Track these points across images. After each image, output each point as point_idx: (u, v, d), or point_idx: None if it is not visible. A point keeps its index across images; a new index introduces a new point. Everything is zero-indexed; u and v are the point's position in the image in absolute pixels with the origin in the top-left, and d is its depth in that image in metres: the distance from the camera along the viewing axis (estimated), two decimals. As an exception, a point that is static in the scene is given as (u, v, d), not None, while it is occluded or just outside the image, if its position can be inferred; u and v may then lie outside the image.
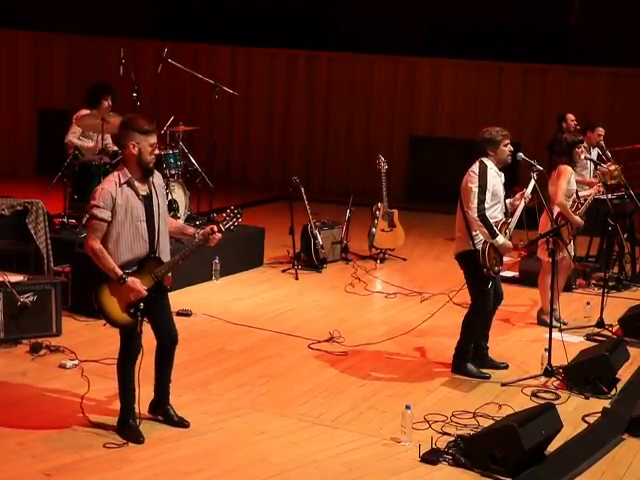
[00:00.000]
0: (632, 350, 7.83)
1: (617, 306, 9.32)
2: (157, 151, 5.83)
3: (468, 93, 15.91)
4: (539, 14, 16.39)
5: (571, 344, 7.94)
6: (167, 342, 5.99)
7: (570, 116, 12.09)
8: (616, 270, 10.60)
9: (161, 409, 6.09)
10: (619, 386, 7.15)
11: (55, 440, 5.76)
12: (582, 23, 16.60)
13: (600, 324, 8.69)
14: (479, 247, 7.08)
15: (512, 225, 7.32)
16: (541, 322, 8.76)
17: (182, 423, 6.05)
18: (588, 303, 9.11)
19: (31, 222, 8.77)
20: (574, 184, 8.69)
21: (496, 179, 7.18)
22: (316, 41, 16.89)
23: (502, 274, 10.49)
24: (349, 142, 16.62)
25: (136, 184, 5.73)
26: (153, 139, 5.74)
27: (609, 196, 9.80)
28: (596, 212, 10.89)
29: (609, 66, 15.18)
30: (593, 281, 10.47)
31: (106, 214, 5.64)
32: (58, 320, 7.84)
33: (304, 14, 17.71)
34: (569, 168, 8.57)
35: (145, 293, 5.69)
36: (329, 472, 5.55)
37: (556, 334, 7.50)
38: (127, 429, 5.82)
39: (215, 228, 5.87)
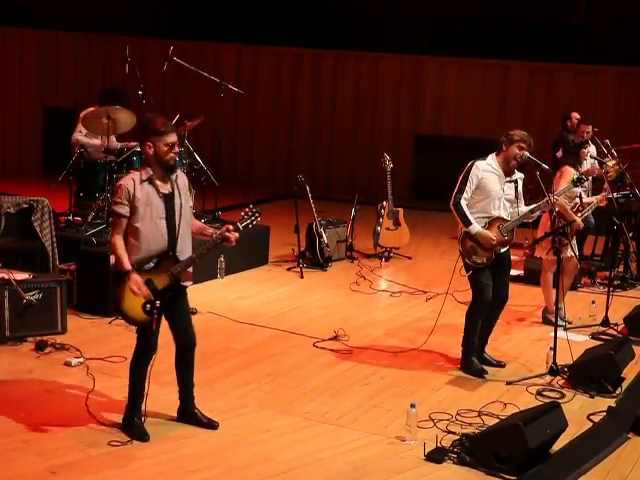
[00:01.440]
0: (637, 349, 7.80)
1: (622, 305, 9.31)
2: (177, 149, 5.80)
3: (473, 92, 15.90)
4: (545, 13, 16.37)
5: (576, 343, 7.93)
6: (185, 344, 5.99)
7: (575, 115, 12.07)
8: (621, 269, 10.60)
9: (188, 413, 6.09)
10: (624, 385, 7.14)
11: (60, 438, 5.77)
12: (588, 22, 16.58)
13: (605, 323, 8.69)
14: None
15: (510, 223, 7.30)
16: (546, 321, 8.76)
17: (211, 424, 6.04)
18: (593, 302, 9.10)
19: (36, 220, 8.79)
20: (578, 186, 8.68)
21: (487, 174, 7.24)
22: (321, 40, 16.89)
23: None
24: (354, 140, 16.63)
25: (157, 182, 5.75)
26: (170, 138, 5.73)
27: (614, 195, 9.80)
28: (601, 211, 10.89)
29: (614, 65, 15.16)
30: (598, 280, 10.46)
31: (125, 209, 5.69)
32: (63, 318, 7.85)
33: (309, 13, 17.72)
34: (572, 170, 8.57)
35: (146, 293, 5.67)
36: (334, 470, 5.55)
37: (561, 333, 7.50)
38: (132, 427, 5.83)
39: (231, 227, 5.88)
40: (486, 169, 7.26)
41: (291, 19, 17.68)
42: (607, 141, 10.70)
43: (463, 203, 7.20)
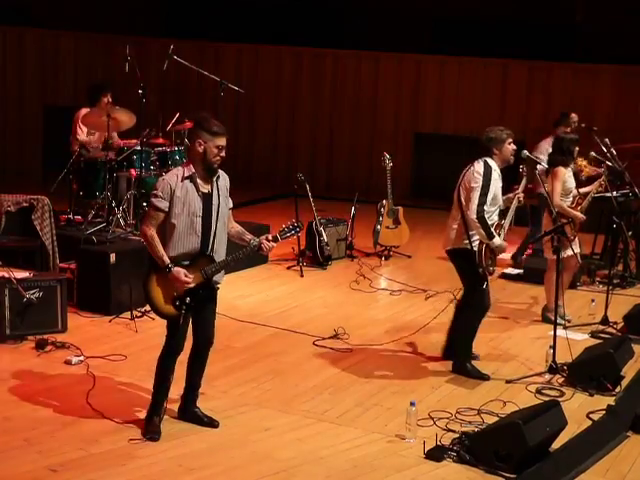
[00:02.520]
0: (637, 348, 7.82)
1: (622, 303, 9.32)
2: (223, 154, 5.88)
3: (473, 90, 15.89)
4: (544, 11, 16.36)
5: (576, 341, 7.95)
6: (204, 344, 6.01)
7: (574, 116, 12.09)
8: (621, 267, 10.60)
9: (189, 412, 6.11)
10: (624, 383, 7.15)
11: (61, 436, 5.79)
12: (587, 21, 16.57)
13: (605, 321, 8.70)
14: (475, 246, 7.11)
15: (506, 226, 7.36)
16: (546, 319, 8.77)
17: (212, 423, 6.06)
18: (593, 300, 9.12)
19: (37, 219, 8.81)
20: (572, 182, 8.71)
21: (498, 182, 7.18)
22: (321, 39, 16.89)
23: (507, 271, 10.63)
24: (354, 139, 16.62)
25: (198, 181, 5.78)
26: (221, 141, 5.82)
27: (614, 194, 9.81)
28: (601, 210, 10.90)
29: (614, 64, 15.16)
30: (598, 278, 10.47)
31: (164, 204, 5.70)
32: (64, 316, 7.86)
33: (310, 12, 17.72)
34: (562, 169, 8.59)
35: (191, 284, 5.70)
36: (334, 469, 5.57)
37: (561, 331, 7.51)
38: (150, 425, 5.85)
39: (270, 237, 5.94)
40: (496, 177, 7.15)
41: (291, 18, 17.68)
42: (606, 140, 10.71)
43: (486, 216, 7.05)
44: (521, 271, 10.61)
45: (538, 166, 9.51)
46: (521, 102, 15.61)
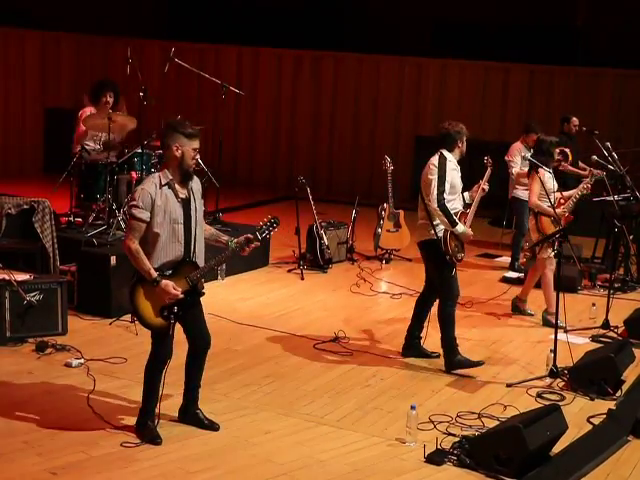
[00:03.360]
0: (638, 352, 7.83)
1: (623, 307, 9.31)
2: (198, 157, 5.82)
3: (474, 94, 15.91)
4: (546, 15, 16.39)
5: (576, 345, 7.94)
6: (201, 346, 6.00)
7: (574, 120, 12.12)
8: (622, 272, 10.59)
9: (190, 414, 6.10)
10: (624, 388, 7.14)
11: (61, 439, 5.78)
12: (589, 25, 16.59)
13: (606, 325, 8.69)
14: (440, 235, 7.34)
15: (471, 215, 7.61)
16: (545, 322, 8.81)
17: (212, 426, 6.05)
18: (594, 304, 9.12)
19: (37, 221, 8.80)
20: (550, 183, 8.74)
21: (454, 172, 7.45)
22: (322, 41, 16.91)
23: (507, 275, 10.63)
24: (355, 142, 16.63)
25: (176, 186, 5.74)
26: (196, 144, 5.76)
27: (615, 197, 9.81)
28: (602, 214, 10.92)
29: (615, 68, 15.17)
30: (599, 282, 10.47)
31: (145, 215, 5.64)
32: (64, 319, 7.85)
33: (310, 14, 17.74)
34: (542, 170, 8.65)
35: (181, 295, 5.68)
36: (334, 472, 5.56)
37: (561, 335, 7.50)
38: (145, 430, 5.83)
39: (251, 237, 5.88)
40: (452, 166, 7.43)
41: (291, 20, 17.70)
42: (608, 144, 10.71)
43: (447, 204, 7.31)
44: (521, 275, 10.59)
45: (512, 170, 9.71)
46: (522, 106, 15.62)
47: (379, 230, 11.36)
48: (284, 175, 16.56)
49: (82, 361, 7.13)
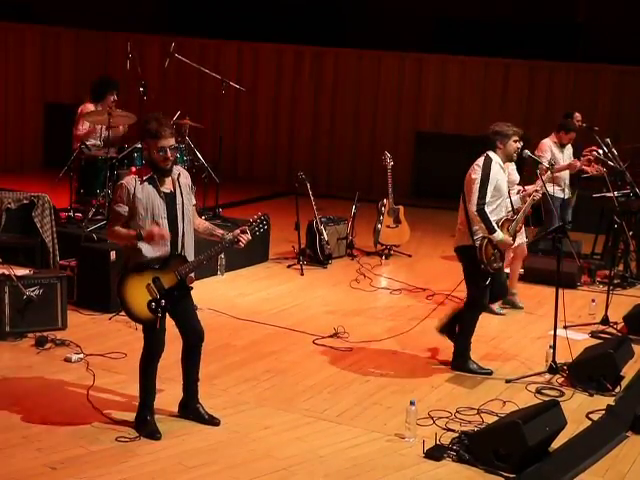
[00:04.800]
0: (637, 348, 7.83)
1: (622, 304, 9.32)
2: (170, 154, 5.74)
3: (474, 90, 15.91)
4: (546, 11, 16.38)
5: (576, 341, 7.95)
6: (194, 339, 5.98)
7: (577, 115, 12.10)
8: (621, 268, 10.60)
9: (191, 408, 6.10)
10: (623, 384, 7.15)
11: (60, 433, 5.78)
12: (589, 21, 16.59)
13: (605, 321, 8.70)
14: (477, 242, 7.08)
15: (515, 223, 7.32)
16: (507, 302, 9.19)
17: (212, 421, 6.05)
18: (593, 300, 9.12)
19: (37, 216, 8.80)
20: (515, 175, 8.83)
21: (500, 174, 7.17)
22: (323, 37, 16.90)
23: (507, 271, 10.62)
24: (355, 138, 16.63)
25: (159, 182, 5.76)
26: (164, 142, 5.69)
27: (615, 194, 9.81)
28: (601, 210, 10.91)
29: (615, 64, 15.16)
30: (598, 278, 10.47)
31: (123, 209, 5.71)
32: (63, 314, 7.85)
33: (311, 10, 17.73)
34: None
35: (167, 235, 5.67)
36: (333, 467, 5.56)
37: (561, 331, 7.51)
38: (145, 425, 5.84)
39: (247, 229, 5.88)
40: (498, 169, 7.15)
41: (292, 16, 17.69)
42: (607, 140, 10.71)
43: (487, 209, 7.03)
44: (521, 271, 10.58)
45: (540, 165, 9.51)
46: (522, 102, 15.62)
47: (379, 226, 11.36)
48: (284, 171, 16.56)
49: (82, 356, 7.13)
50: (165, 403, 6.15)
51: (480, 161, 7.15)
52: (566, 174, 10.85)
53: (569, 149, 10.88)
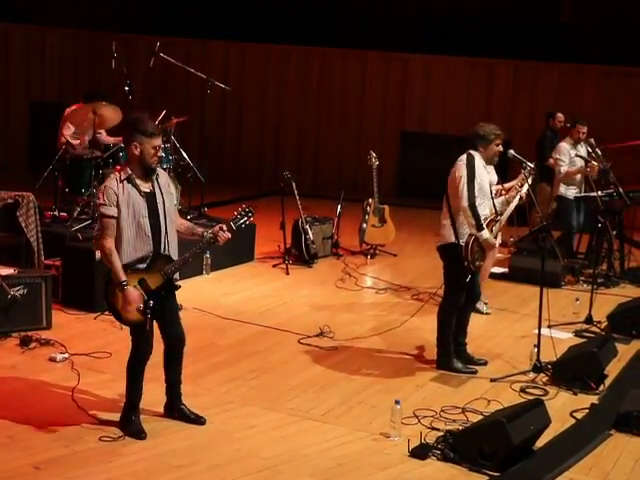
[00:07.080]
0: (620, 346, 7.87)
1: (606, 303, 9.36)
2: (160, 153, 5.81)
3: (459, 90, 15.92)
4: (530, 12, 16.42)
5: (560, 340, 7.97)
6: (174, 343, 5.98)
7: (560, 116, 12.17)
8: (605, 267, 10.64)
9: (176, 409, 6.10)
10: (607, 382, 7.18)
11: (45, 433, 5.77)
12: (573, 21, 16.64)
13: (589, 320, 8.73)
14: (463, 240, 7.07)
15: (499, 224, 7.34)
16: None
17: (198, 420, 6.05)
18: (577, 299, 9.17)
19: (22, 215, 8.77)
20: (494, 175, 8.78)
21: (484, 175, 7.18)
22: (309, 37, 16.89)
23: (492, 270, 10.65)
24: (341, 137, 16.63)
25: (137, 181, 5.74)
26: (157, 142, 5.74)
27: (599, 193, 9.85)
28: (585, 209, 10.96)
29: (599, 64, 15.22)
30: (582, 278, 10.51)
31: (113, 210, 5.66)
32: (48, 313, 7.84)
33: (297, 10, 17.72)
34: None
35: (139, 306, 5.65)
36: (318, 466, 5.57)
37: (545, 330, 7.54)
38: (130, 425, 5.83)
39: (225, 227, 5.87)
40: (481, 169, 7.14)
41: (279, 16, 17.67)
42: (592, 140, 10.76)
43: (477, 203, 7.02)
44: (506, 270, 10.63)
45: (561, 169, 9.60)
46: (507, 102, 15.65)
47: (364, 225, 11.37)
48: (270, 170, 16.51)
49: (66, 355, 7.11)
50: (150, 403, 6.14)
51: (463, 158, 7.14)
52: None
53: (584, 146, 10.87)
